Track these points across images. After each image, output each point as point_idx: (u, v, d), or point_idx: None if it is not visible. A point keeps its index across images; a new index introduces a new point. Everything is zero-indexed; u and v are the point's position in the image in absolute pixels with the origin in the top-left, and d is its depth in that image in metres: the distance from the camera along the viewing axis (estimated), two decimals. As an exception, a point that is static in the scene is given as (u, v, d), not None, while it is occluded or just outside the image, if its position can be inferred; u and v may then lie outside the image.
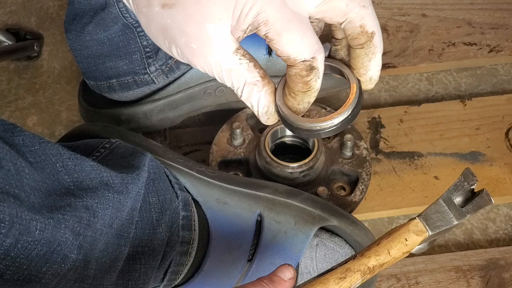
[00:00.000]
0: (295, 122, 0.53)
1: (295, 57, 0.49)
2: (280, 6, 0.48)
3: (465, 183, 0.50)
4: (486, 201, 0.50)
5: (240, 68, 0.50)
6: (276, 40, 0.49)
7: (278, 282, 0.48)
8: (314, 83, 0.51)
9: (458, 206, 0.50)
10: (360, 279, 0.49)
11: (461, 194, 0.50)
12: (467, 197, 0.50)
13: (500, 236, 0.87)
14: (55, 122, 1.00)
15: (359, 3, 0.50)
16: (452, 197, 0.50)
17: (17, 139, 0.52)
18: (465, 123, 0.94)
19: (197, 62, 0.50)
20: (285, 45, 0.49)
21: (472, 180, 0.50)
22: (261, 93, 0.52)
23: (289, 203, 0.70)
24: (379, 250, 0.49)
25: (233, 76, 0.51)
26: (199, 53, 0.50)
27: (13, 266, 0.47)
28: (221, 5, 0.48)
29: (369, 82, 0.55)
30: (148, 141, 0.75)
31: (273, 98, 0.53)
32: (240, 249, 0.69)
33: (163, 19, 0.50)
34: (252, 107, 0.53)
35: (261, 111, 0.53)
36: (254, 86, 0.51)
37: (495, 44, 1.04)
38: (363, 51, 0.52)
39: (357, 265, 0.49)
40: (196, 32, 0.49)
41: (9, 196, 0.46)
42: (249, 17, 0.48)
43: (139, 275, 0.63)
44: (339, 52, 0.56)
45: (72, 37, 0.82)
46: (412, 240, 0.50)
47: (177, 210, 0.68)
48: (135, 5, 0.52)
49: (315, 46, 0.50)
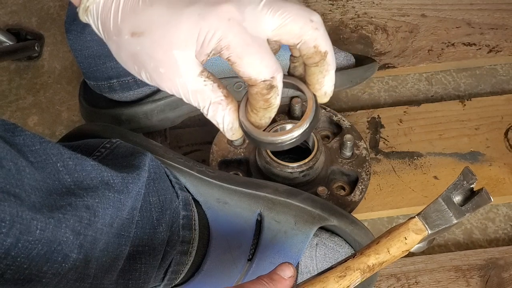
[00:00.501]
0: (258, 136, 0.56)
1: (256, 78, 0.53)
2: (240, 31, 0.51)
3: (465, 182, 0.50)
4: (485, 200, 0.50)
5: (205, 89, 0.54)
6: (238, 63, 0.52)
7: (278, 281, 0.48)
8: (274, 100, 0.55)
9: (458, 205, 0.50)
10: (360, 277, 0.49)
11: (461, 193, 0.50)
12: (466, 196, 0.51)
13: (500, 236, 0.87)
14: (56, 122, 1.00)
15: (311, 26, 0.53)
16: (452, 196, 0.50)
17: (18, 139, 0.52)
18: (464, 123, 0.94)
19: (165, 85, 0.54)
20: (246, 67, 0.52)
21: (471, 179, 0.50)
22: (226, 111, 0.55)
23: (289, 202, 0.70)
24: (379, 249, 0.50)
25: (199, 97, 0.54)
26: (166, 77, 0.53)
27: (14, 266, 0.47)
28: (186, 32, 0.51)
29: (324, 96, 0.58)
30: (149, 141, 0.75)
31: (236, 115, 0.56)
32: (240, 249, 0.69)
33: (132, 46, 0.53)
34: (217, 124, 0.56)
35: (226, 127, 0.56)
36: (219, 105, 0.55)
37: (495, 44, 1.04)
38: (317, 68, 0.56)
39: (357, 263, 0.49)
40: (164, 58, 0.52)
41: (10, 196, 0.46)
42: (212, 42, 0.51)
43: (139, 274, 0.63)
44: (297, 68, 0.59)
45: (73, 37, 0.82)
46: (411, 238, 0.50)
47: (178, 209, 0.68)
48: (105, 34, 0.55)
49: (273, 66, 0.53)
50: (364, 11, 1.09)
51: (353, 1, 1.10)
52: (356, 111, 0.96)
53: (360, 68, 0.94)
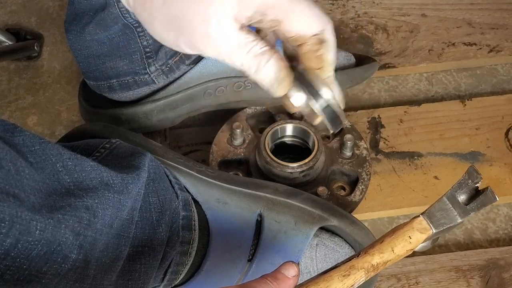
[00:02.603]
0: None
1: (305, 33, 0.51)
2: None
3: (470, 181, 0.50)
4: (490, 199, 0.49)
5: (247, 43, 0.52)
6: (285, 21, 0.50)
7: (282, 280, 0.48)
8: (327, 55, 0.53)
9: (462, 204, 0.50)
10: (364, 276, 0.48)
11: (465, 192, 0.50)
12: (471, 195, 0.50)
13: (500, 236, 0.87)
14: (55, 122, 1.00)
15: None
16: (456, 194, 0.50)
17: (17, 139, 0.52)
18: (465, 123, 0.94)
19: (205, 47, 0.52)
20: (295, 23, 0.51)
21: (476, 178, 0.50)
22: (271, 61, 0.53)
23: (289, 203, 0.70)
24: (383, 248, 0.49)
25: (242, 52, 0.52)
26: (206, 36, 0.51)
27: (13, 266, 0.47)
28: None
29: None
30: (148, 141, 0.75)
31: (282, 64, 0.53)
32: (240, 249, 0.69)
33: (168, 10, 0.51)
34: (263, 80, 0.54)
35: (274, 77, 0.53)
36: (263, 56, 0.52)
37: (495, 44, 1.04)
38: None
39: (361, 262, 0.48)
40: (203, 16, 0.50)
41: (9, 196, 0.46)
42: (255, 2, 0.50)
43: (139, 275, 0.63)
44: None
45: (72, 37, 0.82)
46: (416, 238, 0.49)
47: (177, 210, 0.68)
48: (136, 4, 0.52)
49: (323, 17, 0.51)
50: (365, 11, 1.09)
51: (353, 1, 1.10)
52: (357, 111, 0.96)
53: (360, 68, 0.93)
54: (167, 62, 0.84)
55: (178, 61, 0.84)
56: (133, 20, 0.78)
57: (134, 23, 0.79)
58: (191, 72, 0.86)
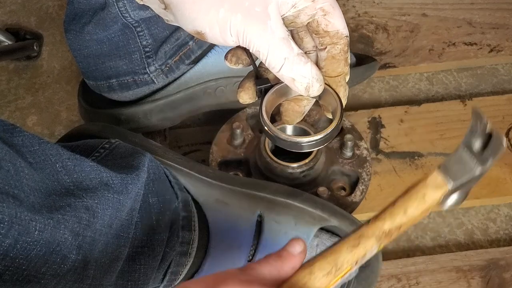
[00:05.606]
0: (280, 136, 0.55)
1: (342, 31, 0.52)
2: None
3: (478, 123, 0.45)
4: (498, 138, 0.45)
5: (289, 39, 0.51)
6: (331, 13, 0.51)
7: (286, 257, 0.44)
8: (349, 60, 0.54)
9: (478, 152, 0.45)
10: (376, 245, 0.44)
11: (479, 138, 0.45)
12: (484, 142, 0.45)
13: (501, 236, 0.87)
14: (55, 122, 1.00)
15: None
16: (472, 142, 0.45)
17: (16, 139, 0.52)
18: (465, 123, 0.94)
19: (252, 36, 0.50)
20: (338, 19, 0.51)
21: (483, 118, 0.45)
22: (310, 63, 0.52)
23: (289, 203, 0.70)
24: (395, 211, 0.44)
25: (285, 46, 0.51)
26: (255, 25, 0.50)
27: (13, 267, 0.47)
28: None
29: None
30: (148, 141, 0.74)
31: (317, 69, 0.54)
32: (240, 250, 0.69)
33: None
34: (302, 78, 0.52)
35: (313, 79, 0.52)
36: (302, 57, 0.52)
37: (496, 44, 1.04)
38: None
39: (372, 229, 0.44)
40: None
41: (9, 197, 0.46)
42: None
43: (138, 275, 0.63)
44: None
45: (72, 37, 0.82)
46: (430, 195, 0.44)
47: (177, 210, 0.68)
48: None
49: None
50: (365, 11, 1.09)
51: (353, 0, 1.10)
52: (357, 110, 0.96)
53: (360, 68, 0.93)
54: (167, 62, 0.84)
55: (178, 61, 0.84)
56: (133, 20, 0.78)
57: (134, 22, 0.79)
58: (190, 72, 0.85)
